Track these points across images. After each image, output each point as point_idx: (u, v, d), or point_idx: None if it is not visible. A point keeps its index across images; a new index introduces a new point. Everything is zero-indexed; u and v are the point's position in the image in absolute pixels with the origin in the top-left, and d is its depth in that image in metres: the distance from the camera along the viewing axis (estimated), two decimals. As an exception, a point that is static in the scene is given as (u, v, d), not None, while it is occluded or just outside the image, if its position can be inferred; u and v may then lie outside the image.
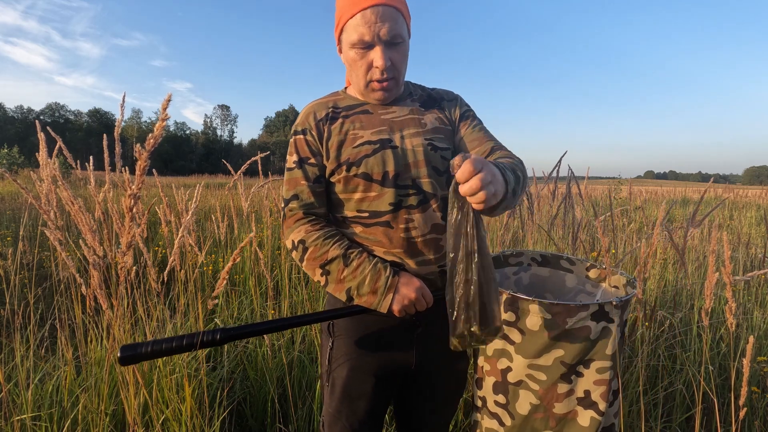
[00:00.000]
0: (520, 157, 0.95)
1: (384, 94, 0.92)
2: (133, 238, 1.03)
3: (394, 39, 0.86)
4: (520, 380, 0.82)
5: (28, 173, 11.93)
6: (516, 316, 0.81)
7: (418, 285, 0.86)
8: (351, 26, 0.85)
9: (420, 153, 0.91)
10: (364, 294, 0.85)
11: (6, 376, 1.55)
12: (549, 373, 0.79)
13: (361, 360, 0.94)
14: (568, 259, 1.07)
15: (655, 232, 1.42)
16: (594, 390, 0.79)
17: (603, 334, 0.78)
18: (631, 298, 0.82)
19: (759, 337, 1.92)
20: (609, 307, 0.78)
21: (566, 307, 0.76)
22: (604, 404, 0.79)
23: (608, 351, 0.79)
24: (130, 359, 0.72)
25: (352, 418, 0.94)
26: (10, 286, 1.93)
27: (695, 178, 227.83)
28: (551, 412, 0.80)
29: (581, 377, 0.80)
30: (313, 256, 0.89)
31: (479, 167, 0.65)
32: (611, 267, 0.99)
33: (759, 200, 10.83)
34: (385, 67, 0.87)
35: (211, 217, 3.14)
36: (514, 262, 1.11)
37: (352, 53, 0.88)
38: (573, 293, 1.05)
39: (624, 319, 0.82)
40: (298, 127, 0.96)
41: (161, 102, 0.80)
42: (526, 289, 1.10)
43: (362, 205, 0.91)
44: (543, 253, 1.09)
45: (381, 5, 0.84)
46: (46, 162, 1.46)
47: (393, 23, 0.85)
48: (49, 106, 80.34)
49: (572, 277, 1.06)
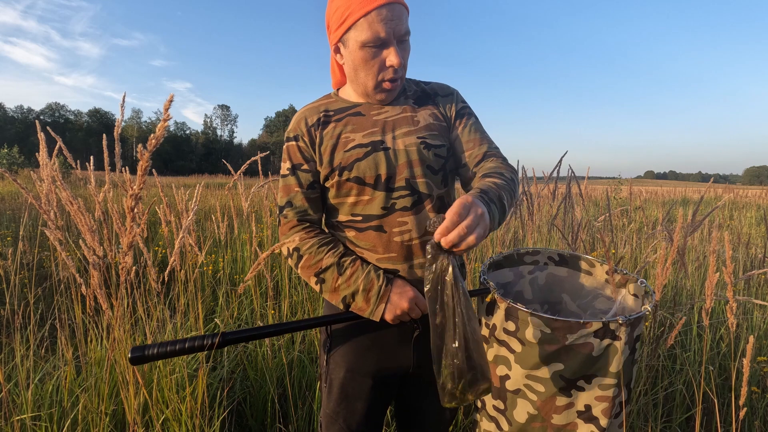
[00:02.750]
0: (515, 160, 0.94)
1: (391, 94, 0.92)
2: (133, 238, 1.02)
3: (404, 37, 0.85)
4: (518, 389, 0.80)
5: (28, 173, 11.93)
6: (516, 326, 0.79)
7: (412, 295, 0.85)
8: (363, 24, 0.82)
9: (413, 152, 0.89)
10: (358, 302, 0.86)
11: (6, 376, 1.55)
12: (547, 385, 0.76)
13: (359, 361, 0.94)
14: (587, 260, 1.02)
15: (674, 238, 1.41)
16: (596, 405, 0.76)
17: (607, 352, 0.74)
18: (643, 316, 0.77)
19: (759, 337, 1.92)
20: (614, 325, 0.73)
21: (566, 323, 0.72)
22: (606, 420, 0.76)
23: (612, 368, 0.74)
24: (139, 359, 0.76)
25: (350, 419, 0.94)
26: (10, 286, 1.93)
27: (695, 178, 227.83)
28: (549, 422, 0.78)
29: (582, 392, 0.76)
30: (307, 265, 0.89)
31: (466, 212, 0.66)
32: (632, 274, 0.95)
33: (759, 200, 10.83)
34: (400, 65, 0.85)
35: (211, 217, 3.14)
36: (530, 260, 1.06)
37: (362, 53, 0.84)
38: (591, 296, 1.01)
39: (636, 335, 0.77)
40: (290, 133, 0.95)
41: (161, 102, 0.80)
42: (542, 289, 1.06)
43: (356, 209, 0.91)
44: (561, 252, 1.05)
45: (395, 3, 0.82)
46: (46, 162, 1.45)
47: (404, 20, 0.84)
48: (49, 106, 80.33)
49: (591, 279, 1.02)
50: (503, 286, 1.04)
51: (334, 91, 1.02)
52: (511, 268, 1.06)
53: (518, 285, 1.06)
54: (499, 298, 0.81)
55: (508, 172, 0.90)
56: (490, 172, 0.89)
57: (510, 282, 1.05)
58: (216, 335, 0.79)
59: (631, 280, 0.94)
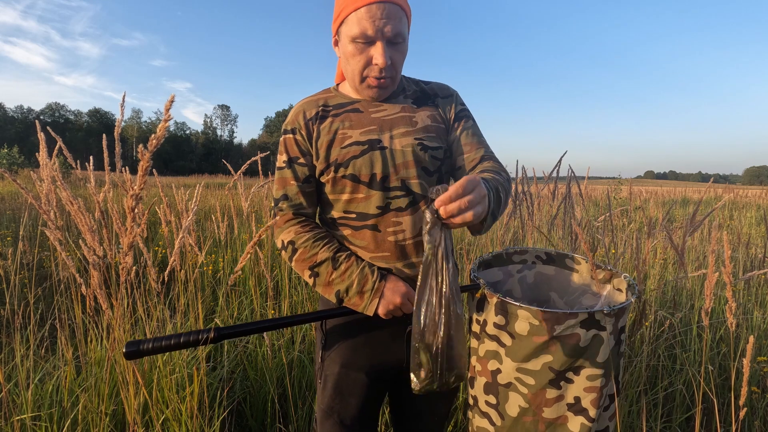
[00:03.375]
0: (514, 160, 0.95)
1: (378, 92, 0.91)
2: (134, 238, 1.02)
3: (396, 38, 0.85)
4: (509, 382, 0.81)
5: (28, 173, 11.93)
6: (506, 320, 0.80)
7: (404, 291, 0.86)
8: (354, 19, 0.83)
9: (409, 153, 0.90)
10: (352, 297, 0.86)
11: (6, 376, 1.55)
12: (537, 377, 0.78)
13: (353, 357, 0.94)
14: (573, 258, 1.05)
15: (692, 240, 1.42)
16: (584, 397, 0.78)
17: (593, 342, 0.77)
18: (627, 306, 0.80)
19: (759, 337, 1.92)
20: (600, 315, 0.76)
21: (554, 314, 0.75)
22: (594, 411, 0.78)
23: (599, 359, 0.77)
24: (134, 354, 0.77)
25: (344, 414, 0.95)
26: (10, 286, 1.93)
27: (695, 178, 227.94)
28: (540, 416, 0.79)
29: (571, 383, 0.78)
30: (302, 258, 0.90)
31: (471, 187, 0.66)
32: (615, 269, 0.97)
33: (759, 200, 10.83)
34: (385, 66, 0.85)
35: (211, 217, 3.14)
36: (518, 259, 1.09)
37: (351, 47, 0.85)
38: (578, 293, 1.04)
39: (620, 326, 0.80)
40: (287, 126, 0.95)
41: (161, 102, 0.81)
42: (531, 287, 1.08)
43: (350, 206, 0.91)
44: (548, 251, 1.07)
45: (388, 2, 0.82)
46: (46, 162, 1.45)
47: (397, 21, 0.84)
48: (49, 106, 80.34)
49: (578, 277, 1.04)
50: (493, 285, 1.06)
51: (334, 86, 1.02)
52: (500, 268, 1.07)
53: (507, 284, 1.08)
54: (489, 293, 0.83)
55: (504, 175, 0.92)
56: (488, 170, 0.90)
57: (499, 281, 1.07)
58: (210, 330, 0.79)
59: (616, 276, 0.96)
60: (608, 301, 0.96)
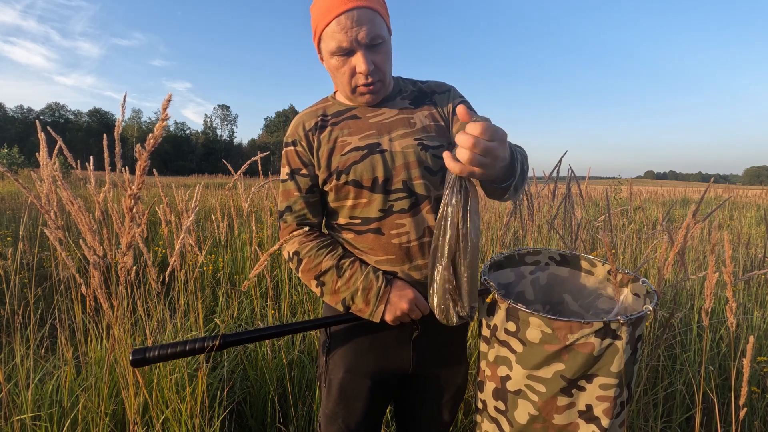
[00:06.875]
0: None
1: (372, 97, 0.91)
2: (133, 238, 1.02)
3: (374, 41, 0.84)
4: (519, 389, 0.80)
5: (28, 173, 11.93)
6: (517, 326, 0.79)
7: (411, 296, 0.85)
8: (328, 34, 0.83)
9: (411, 154, 0.89)
10: (358, 304, 0.86)
11: (6, 376, 1.55)
12: (548, 385, 0.76)
13: (358, 362, 0.94)
14: (588, 259, 1.02)
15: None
16: (597, 405, 0.76)
17: (608, 351, 0.74)
18: (645, 315, 0.77)
19: (759, 337, 1.92)
20: (616, 325, 0.73)
21: (567, 324, 0.73)
22: (607, 420, 0.76)
23: (613, 368, 0.74)
24: (140, 362, 0.77)
25: (348, 419, 0.94)
26: (10, 286, 1.93)
27: (695, 178, 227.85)
28: (550, 423, 0.78)
29: (583, 391, 0.76)
30: (307, 268, 0.90)
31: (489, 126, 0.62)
32: (633, 273, 0.94)
33: (759, 200, 10.82)
34: (369, 72, 0.85)
35: (211, 217, 3.14)
36: (530, 260, 1.06)
37: (334, 61, 0.86)
38: (593, 296, 1.01)
39: (637, 335, 0.77)
40: (288, 138, 0.96)
41: (161, 102, 0.80)
42: (544, 289, 1.06)
43: (354, 212, 0.91)
44: (562, 252, 1.05)
45: (355, 9, 0.81)
46: (47, 162, 1.45)
47: (370, 25, 0.82)
48: (49, 106, 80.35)
49: (593, 279, 1.01)
50: (504, 287, 1.04)
51: (332, 94, 1.02)
52: (512, 269, 1.05)
53: (520, 285, 1.06)
54: (500, 299, 0.81)
55: (522, 151, 0.89)
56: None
57: (511, 282, 1.05)
58: (216, 337, 0.79)
59: (633, 280, 0.93)
60: (624, 307, 0.93)
